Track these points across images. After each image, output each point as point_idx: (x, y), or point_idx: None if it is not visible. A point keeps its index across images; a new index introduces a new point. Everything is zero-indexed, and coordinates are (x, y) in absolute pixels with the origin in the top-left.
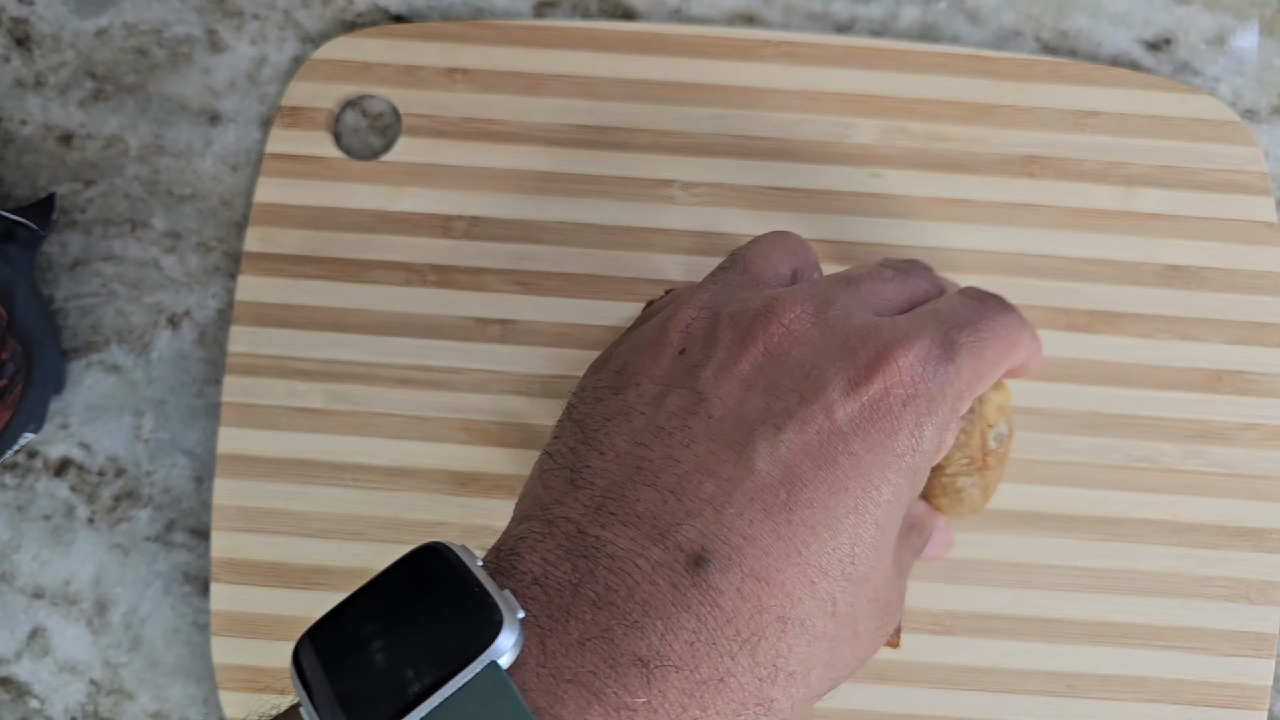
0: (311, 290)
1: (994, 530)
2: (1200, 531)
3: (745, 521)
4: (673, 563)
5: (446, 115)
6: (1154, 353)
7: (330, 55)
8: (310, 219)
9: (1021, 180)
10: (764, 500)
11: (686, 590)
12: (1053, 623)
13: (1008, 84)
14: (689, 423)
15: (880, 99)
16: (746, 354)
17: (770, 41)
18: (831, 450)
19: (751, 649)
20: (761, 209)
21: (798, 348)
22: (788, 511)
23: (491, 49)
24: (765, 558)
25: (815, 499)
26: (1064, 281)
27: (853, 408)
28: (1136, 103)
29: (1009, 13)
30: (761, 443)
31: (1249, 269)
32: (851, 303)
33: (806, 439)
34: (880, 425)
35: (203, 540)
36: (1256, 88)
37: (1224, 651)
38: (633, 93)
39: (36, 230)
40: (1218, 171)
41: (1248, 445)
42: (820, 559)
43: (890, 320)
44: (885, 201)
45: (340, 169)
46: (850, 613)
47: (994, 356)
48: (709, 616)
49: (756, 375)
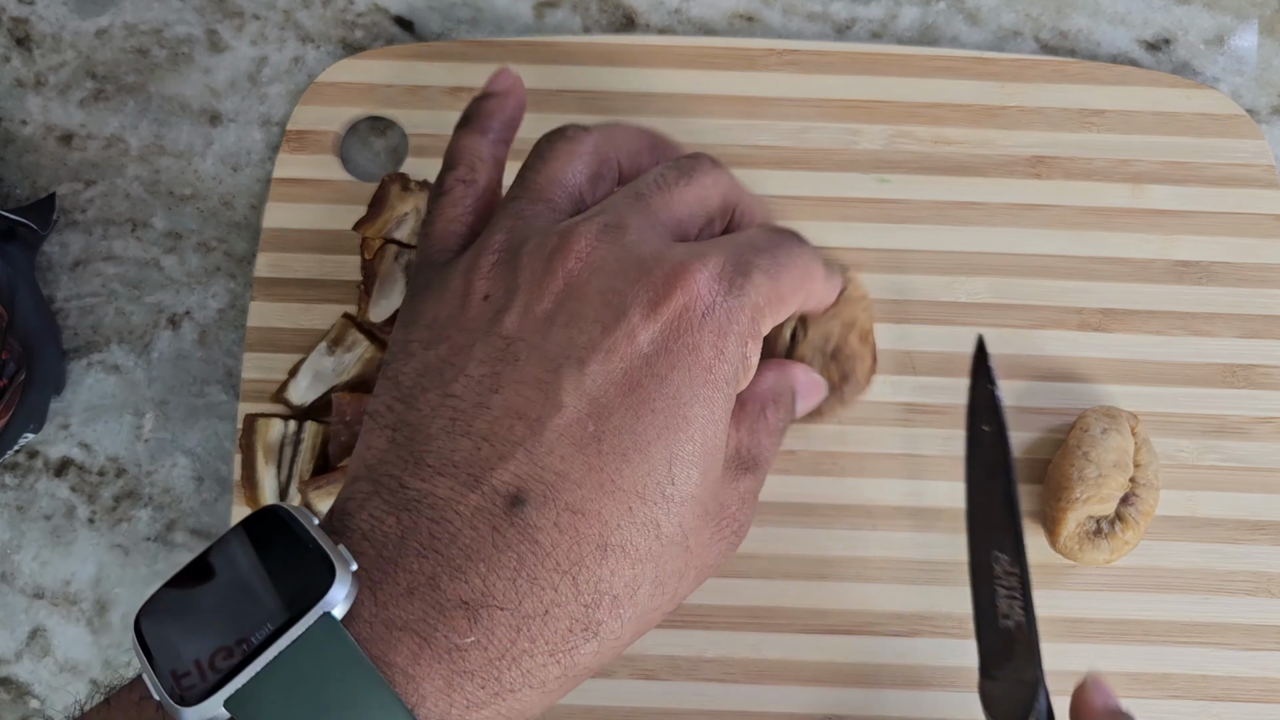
0: (323, 315)
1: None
2: (1219, 526)
3: (557, 458)
4: (491, 506)
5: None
6: (1167, 349)
7: (334, 78)
8: (320, 243)
9: (1029, 181)
10: (573, 434)
11: (506, 531)
12: (1075, 622)
13: (1012, 85)
14: (497, 369)
15: (885, 104)
16: (546, 290)
17: (774, 50)
18: (635, 374)
19: (573, 579)
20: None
21: (596, 276)
22: (597, 442)
23: (495, 67)
24: (579, 490)
25: (623, 425)
26: (1075, 281)
27: (654, 328)
28: (1142, 100)
29: (1008, 13)
30: (567, 379)
31: (1259, 262)
32: (644, 224)
33: (610, 368)
34: (682, 341)
35: (203, 540)
36: (1256, 88)
37: (1248, 646)
38: (638, 106)
39: (37, 230)
40: (1225, 166)
41: (1264, 439)
42: (635, 483)
43: (686, 244)
44: (894, 207)
45: (348, 191)
46: (678, 530)
47: (790, 280)
48: (528, 554)
49: (557, 310)
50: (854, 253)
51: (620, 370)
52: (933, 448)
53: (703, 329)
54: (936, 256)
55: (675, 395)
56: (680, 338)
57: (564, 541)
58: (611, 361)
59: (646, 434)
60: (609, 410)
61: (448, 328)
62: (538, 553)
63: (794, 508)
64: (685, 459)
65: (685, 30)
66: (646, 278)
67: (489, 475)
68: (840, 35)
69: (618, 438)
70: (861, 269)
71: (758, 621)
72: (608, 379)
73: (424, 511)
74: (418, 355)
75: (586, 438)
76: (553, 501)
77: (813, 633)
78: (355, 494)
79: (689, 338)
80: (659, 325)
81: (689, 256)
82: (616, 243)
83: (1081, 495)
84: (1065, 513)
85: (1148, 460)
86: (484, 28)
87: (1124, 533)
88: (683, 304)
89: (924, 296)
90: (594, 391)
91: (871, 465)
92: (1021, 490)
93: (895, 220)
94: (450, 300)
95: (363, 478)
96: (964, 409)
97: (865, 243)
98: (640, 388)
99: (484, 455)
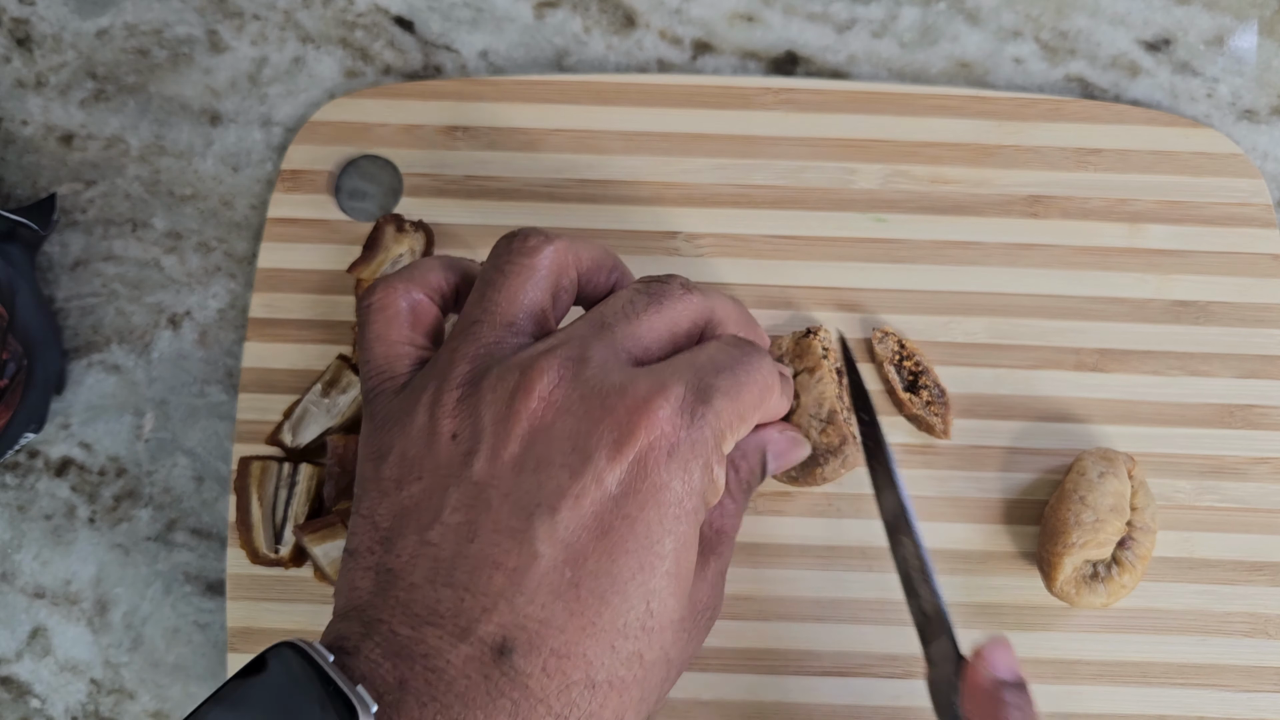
0: (318, 355)
1: (1005, 573)
2: (1217, 567)
3: (538, 606)
4: (481, 656)
5: (448, 174)
6: (1164, 390)
7: (329, 116)
8: (315, 283)
9: (1026, 220)
10: (551, 582)
11: (497, 680)
12: (1071, 663)
13: (1009, 124)
14: (471, 516)
15: (882, 143)
16: (512, 434)
17: (771, 89)
18: (607, 518)
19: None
20: (766, 258)
21: (560, 418)
22: (575, 588)
23: (491, 106)
24: (562, 635)
25: (599, 569)
26: (1072, 321)
27: (620, 470)
28: (1139, 138)
29: (1008, 13)
30: (540, 527)
31: (1256, 302)
32: (608, 354)
33: (581, 514)
34: (649, 481)
35: (203, 540)
36: (1255, 88)
37: (1245, 687)
38: (634, 145)
39: (37, 230)
40: (1222, 205)
41: (1261, 480)
42: (615, 622)
43: (647, 371)
44: (890, 247)
45: (343, 231)
46: (660, 655)
47: (750, 398)
48: (521, 699)
49: (525, 454)
50: (850, 293)
51: (591, 514)
52: (929, 489)
53: (669, 466)
54: (933, 296)
55: (647, 535)
56: (647, 477)
57: (553, 685)
58: (581, 507)
59: (622, 575)
60: (584, 556)
61: (418, 467)
62: (530, 698)
63: (791, 549)
64: (661, 592)
65: (685, 31)
66: (610, 417)
67: (476, 626)
68: (840, 35)
69: (595, 581)
70: (856, 309)
71: (753, 664)
72: (580, 525)
73: (418, 660)
74: (391, 495)
75: (564, 584)
76: (538, 648)
77: (808, 675)
78: (349, 634)
79: (655, 476)
80: (624, 466)
81: (651, 390)
82: (579, 378)
83: (1078, 540)
84: (1062, 557)
85: (1145, 504)
86: (484, 28)
87: (1121, 576)
88: (647, 443)
89: (920, 336)
90: (567, 538)
91: (867, 508)
92: (1017, 532)
93: (892, 260)
94: (417, 437)
95: (353, 618)
96: (965, 450)
97: (861, 282)
98: (612, 531)
99: (468, 606)
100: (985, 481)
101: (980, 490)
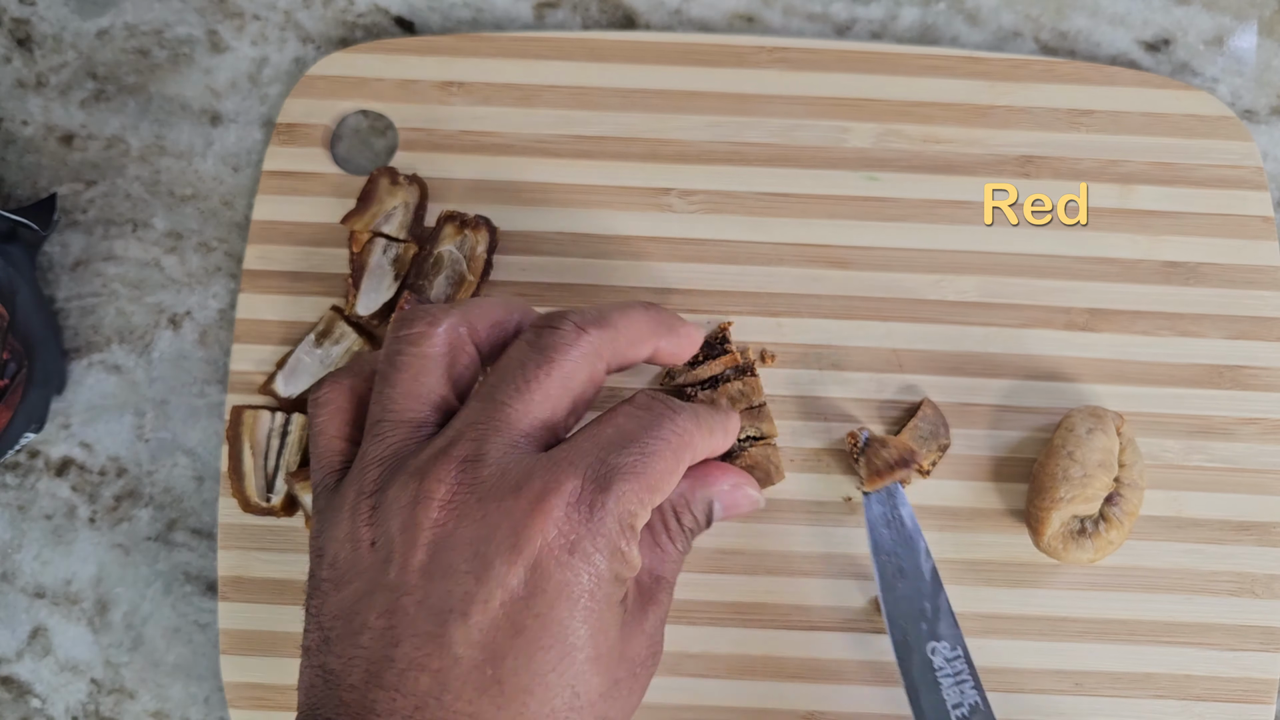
0: (311, 306)
1: (994, 530)
2: (1204, 527)
3: (465, 702)
4: None
5: (443, 129)
6: (1154, 349)
7: (325, 71)
8: (308, 235)
9: (1018, 180)
10: (475, 681)
11: None
12: (1059, 620)
13: (1002, 85)
14: (392, 621)
15: (875, 103)
16: (418, 543)
17: (765, 48)
18: (519, 618)
19: None
20: (759, 214)
21: (461, 525)
22: (498, 684)
23: (487, 61)
24: None
25: (519, 665)
26: (1063, 280)
27: (522, 572)
28: (1131, 100)
29: (1008, 13)
30: (455, 631)
31: (1247, 264)
32: (504, 447)
33: (491, 615)
34: (554, 580)
35: (203, 540)
36: (1255, 88)
37: (1231, 646)
38: (629, 102)
39: (38, 230)
40: (1214, 167)
41: (1249, 440)
42: (543, 709)
43: (545, 461)
44: (882, 205)
45: (337, 185)
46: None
47: (662, 467)
48: None
49: (432, 562)
50: (841, 250)
51: (503, 615)
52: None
53: (571, 562)
54: (924, 255)
55: (560, 629)
56: (550, 576)
57: None
58: (490, 609)
59: (542, 668)
60: (502, 655)
61: (347, 572)
62: None
63: (779, 504)
64: (584, 674)
65: (685, 31)
66: (506, 521)
67: None
68: (840, 36)
69: (516, 677)
70: (848, 266)
71: (741, 617)
72: (493, 626)
73: None
74: (330, 596)
75: (487, 681)
76: None
77: (796, 629)
78: None
79: (559, 574)
80: (525, 568)
81: (545, 488)
82: (476, 483)
83: (1066, 495)
84: (1049, 512)
85: (1133, 460)
86: (484, 28)
87: (1108, 532)
88: (545, 543)
89: (911, 295)
90: (483, 640)
91: None
92: (1006, 489)
93: (883, 218)
94: (344, 542)
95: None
96: (954, 408)
97: (853, 240)
98: (526, 629)
99: (400, 707)
100: (974, 439)
101: (969, 447)
